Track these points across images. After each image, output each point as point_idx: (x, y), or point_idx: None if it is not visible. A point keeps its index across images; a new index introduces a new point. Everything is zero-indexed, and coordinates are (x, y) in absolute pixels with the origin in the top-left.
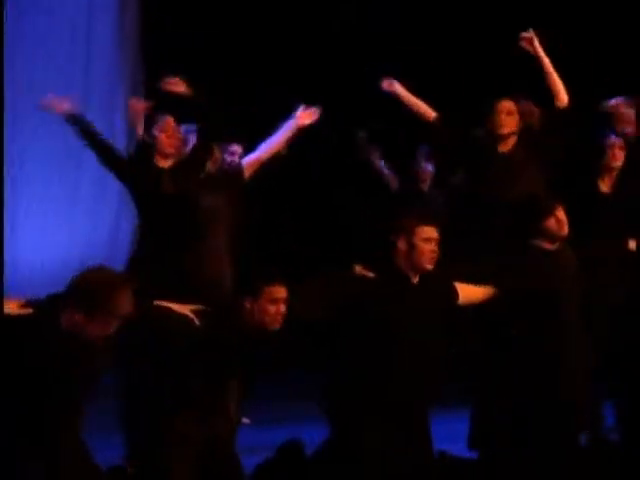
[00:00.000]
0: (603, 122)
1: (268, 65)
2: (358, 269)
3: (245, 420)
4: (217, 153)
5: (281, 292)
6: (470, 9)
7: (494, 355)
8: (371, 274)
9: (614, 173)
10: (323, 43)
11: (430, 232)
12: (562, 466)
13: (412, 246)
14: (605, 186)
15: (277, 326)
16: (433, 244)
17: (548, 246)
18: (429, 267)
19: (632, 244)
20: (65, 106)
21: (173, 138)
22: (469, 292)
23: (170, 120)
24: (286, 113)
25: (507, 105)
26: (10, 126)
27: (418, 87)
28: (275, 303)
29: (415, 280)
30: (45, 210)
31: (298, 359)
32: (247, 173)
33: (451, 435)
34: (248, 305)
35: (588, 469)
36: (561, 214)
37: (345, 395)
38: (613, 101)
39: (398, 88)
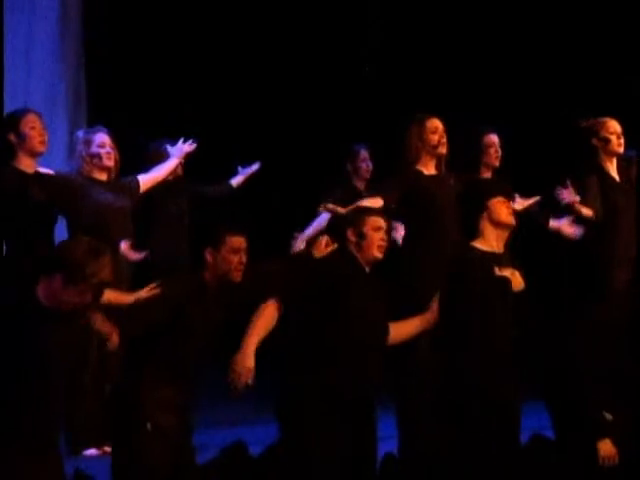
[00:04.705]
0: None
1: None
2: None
3: None
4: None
5: (242, 242)
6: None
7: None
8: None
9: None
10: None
11: (378, 222)
12: (502, 465)
13: (362, 236)
14: None
15: (238, 277)
16: (382, 233)
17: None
18: (379, 255)
19: None
20: None
21: (44, 135)
22: (402, 328)
23: (38, 116)
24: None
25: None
26: None
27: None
28: (236, 253)
29: (367, 270)
30: None
31: None
32: (143, 188)
33: None
34: (209, 257)
35: (528, 468)
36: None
37: (298, 391)
38: None
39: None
